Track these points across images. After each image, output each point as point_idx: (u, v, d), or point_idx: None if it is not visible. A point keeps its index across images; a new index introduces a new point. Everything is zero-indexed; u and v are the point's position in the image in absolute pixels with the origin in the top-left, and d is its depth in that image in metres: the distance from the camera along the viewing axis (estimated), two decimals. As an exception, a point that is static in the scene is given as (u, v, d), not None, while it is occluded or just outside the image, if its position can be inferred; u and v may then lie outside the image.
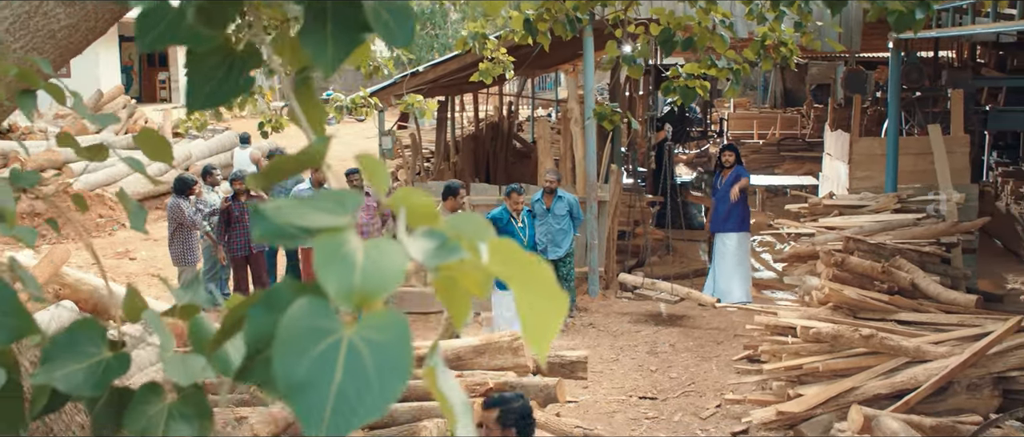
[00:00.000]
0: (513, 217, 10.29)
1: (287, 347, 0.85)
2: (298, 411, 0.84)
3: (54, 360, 1.37)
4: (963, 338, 7.93)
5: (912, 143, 12.26)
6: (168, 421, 1.42)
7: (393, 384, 0.85)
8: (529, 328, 0.95)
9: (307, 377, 0.84)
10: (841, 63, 29.12)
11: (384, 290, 0.88)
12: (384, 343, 0.86)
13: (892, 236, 9.61)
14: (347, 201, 0.95)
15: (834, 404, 7.63)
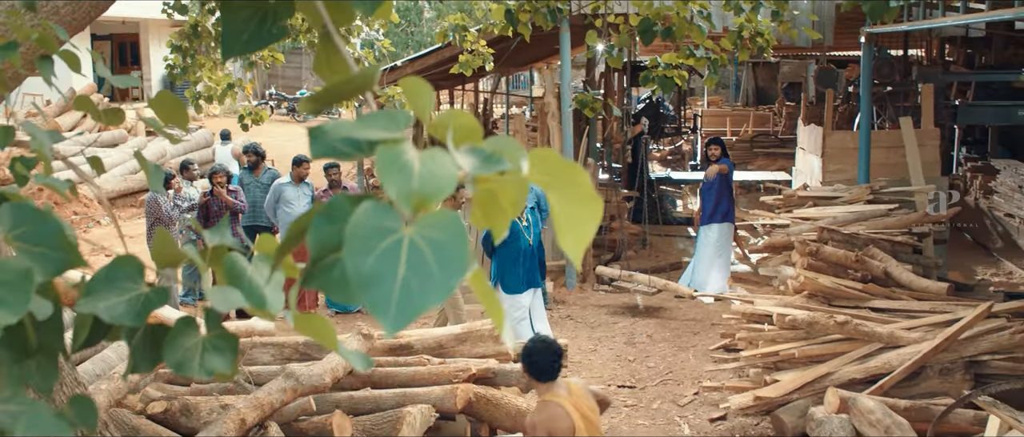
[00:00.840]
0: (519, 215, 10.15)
1: (356, 244, 0.93)
2: (368, 301, 0.93)
3: (95, 293, 1.45)
4: (935, 324, 8.09)
5: (884, 137, 12.44)
6: (202, 353, 1.51)
7: (451, 276, 0.94)
8: (564, 234, 1.04)
9: (374, 271, 0.93)
10: (812, 62, 29.46)
11: (439, 194, 0.97)
12: (442, 240, 0.95)
13: (865, 226, 9.78)
14: (399, 119, 1.04)
15: (810, 389, 7.76)
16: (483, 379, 7.20)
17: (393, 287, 0.92)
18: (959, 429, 6.41)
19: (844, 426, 5.72)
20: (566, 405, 4.84)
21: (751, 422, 8.21)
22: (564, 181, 1.03)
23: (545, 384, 5.00)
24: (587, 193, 1.03)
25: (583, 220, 1.03)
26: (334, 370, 6.62)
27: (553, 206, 1.06)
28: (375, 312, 0.93)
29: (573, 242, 1.04)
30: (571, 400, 4.89)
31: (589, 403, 4.98)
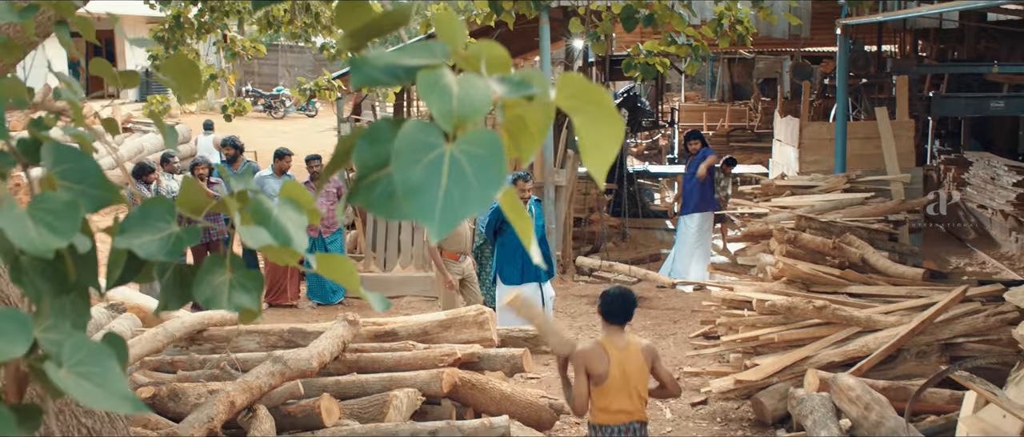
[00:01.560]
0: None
1: (403, 158, 1.02)
2: (414, 208, 1.01)
3: (130, 231, 1.52)
4: (911, 308, 8.24)
5: (859, 128, 12.60)
6: (230, 290, 1.58)
7: (489, 188, 1.02)
8: (588, 153, 1.12)
9: (420, 182, 1.01)
10: (787, 58, 29.67)
11: (477, 114, 1.05)
12: (481, 155, 1.03)
13: (842, 214, 9.92)
14: (436, 49, 1.12)
15: (790, 373, 7.89)
16: (468, 364, 7.28)
17: (437, 196, 1.00)
18: (936, 407, 6.54)
19: (825, 403, 5.84)
20: (611, 352, 5.20)
21: (732, 406, 8.33)
22: (588, 102, 1.11)
23: (610, 326, 5.35)
24: (609, 113, 1.11)
25: (606, 139, 1.11)
26: (321, 355, 6.68)
27: (578, 128, 1.14)
28: (421, 219, 1.01)
29: (597, 160, 1.12)
30: (620, 353, 5.22)
31: (637, 365, 5.23)
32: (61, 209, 1.34)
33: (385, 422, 6.34)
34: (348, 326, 7.28)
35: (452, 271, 9.74)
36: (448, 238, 9.50)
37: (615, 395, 5.20)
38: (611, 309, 5.34)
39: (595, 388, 5.21)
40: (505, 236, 9.53)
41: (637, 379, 5.23)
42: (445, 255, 9.75)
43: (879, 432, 5.29)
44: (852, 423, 5.66)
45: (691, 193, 12.19)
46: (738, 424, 8.02)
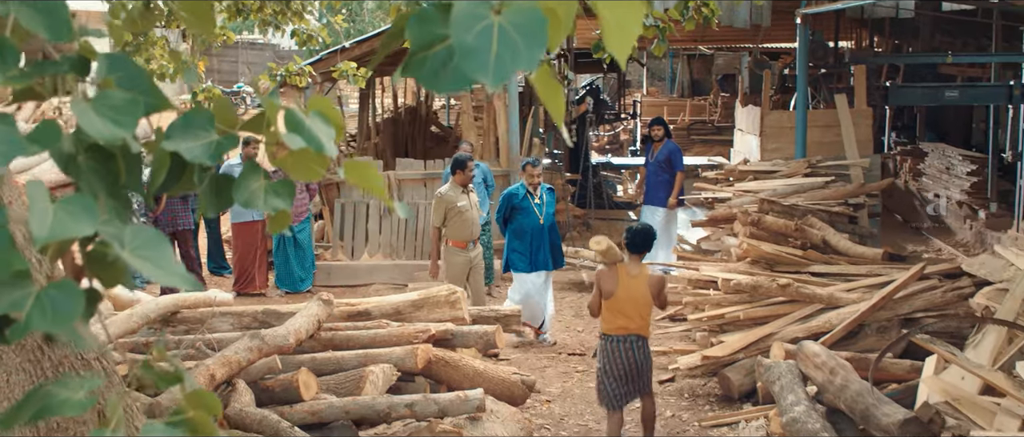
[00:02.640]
0: (530, 192, 9.58)
1: (459, 24, 1.16)
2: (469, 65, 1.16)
3: (175, 137, 1.65)
4: (871, 286, 8.47)
5: (819, 116, 12.86)
6: (266, 195, 1.71)
7: (534, 51, 1.16)
8: (610, 34, 1.26)
9: (475, 44, 1.16)
10: (746, 54, 30.06)
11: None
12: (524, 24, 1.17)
13: (804, 198, 10.15)
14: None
15: (755, 349, 8.09)
16: (442, 341, 7.39)
17: (490, 55, 1.15)
18: (897, 376, 6.75)
19: (792, 369, 6.03)
20: (622, 276, 6.55)
21: (699, 382, 8.52)
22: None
23: (631, 255, 6.72)
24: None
25: (628, 20, 1.25)
26: (297, 332, 6.77)
27: (599, 10, 1.27)
28: (478, 73, 1.16)
29: (619, 42, 1.26)
30: (630, 279, 6.56)
31: (642, 291, 6.57)
32: (123, 105, 1.46)
33: (362, 396, 6.44)
34: (323, 305, 7.37)
35: (459, 260, 9.59)
36: (457, 228, 9.51)
37: (619, 311, 6.59)
38: (633, 241, 6.69)
39: (605, 302, 6.61)
40: (514, 225, 9.49)
41: (641, 302, 6.59)
42: (452, 244, 9.59)
43: (844, 395, 5.48)
44: (818, 388, 5.85)
45: (656, 186, 12.34)
46: (705, 399, 8.21)
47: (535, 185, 9.56)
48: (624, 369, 6.69)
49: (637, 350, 6.69)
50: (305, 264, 12.05)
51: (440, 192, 9.73)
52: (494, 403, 6.96)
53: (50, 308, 1.37)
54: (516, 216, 9.50)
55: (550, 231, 9.56)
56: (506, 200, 9.57)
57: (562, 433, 7.65)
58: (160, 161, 1.66)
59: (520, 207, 9.49)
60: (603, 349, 6.79)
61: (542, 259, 9.48)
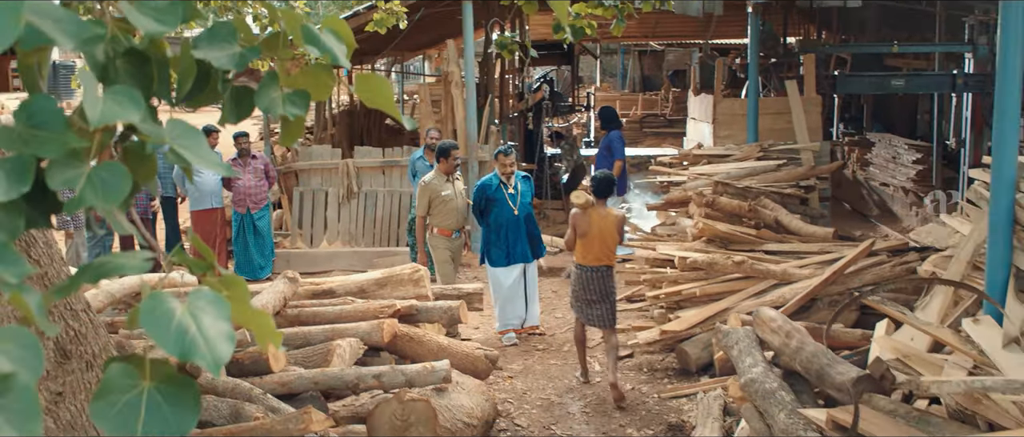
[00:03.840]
0: (503, 182, 9.22)
1: None
2: None
3: (202, 47, 1.78)
4: (822, 262, 8.72)
5: (770, 104, 13.15)
6: (284, 101, 1.85)
7: None
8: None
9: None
10: (696, 50, 30.48)
11: None
12: None
13: (756, 180, 10.40)
14: None
15: (711, 323, 8.29)
16: (407, 317, 7.52)
17: None
18: (849, 344, 6.98)
19: (749, 334, 6.22)
20: (593, 217, 7.85)
21: (657, 358, 8.72)
22: None
23: (598, 200, 7.92)
24: None
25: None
26: (264, 307, 6.86)
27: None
28: None
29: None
30: (600, 219, 7.85)
31: (609, 228, 7.87)
32: (164, 7, 1.59)
33: (330, 368, 6.55)
34: (288, 283, 7.47)
35: (444, 248, 9.51)
36: (442, 216, 9.43)
37: (590, 246, 7.87)
38: (598, 187, 7.94)
39: (579, 239, 7.88)
40: (491, 217, 9.21)
41: (609, 238, 7.89)
42: (438, 231, 9.51)
43: (800, 356, 5.68)
44: (774, 351, 6.05)
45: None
46: (664, 374, 8.41)
47: (508, 175, 9.25)
48: (595, 292, 7.94)
49: (606, 276, 7.96)
50: (265, 252, 12.10)
51: (424, 180, 9.54)
52: (459, 376, 7.10)
53: (100, 186, 1.50)
54: (491, 208, 9.21)
55: (527, 221, 9.29)
56: (480, 191, 9.28)
57: (525, 406, 7.80)
58: (187, 70, 1.79)
59: (494, 198, 9.21)
60: (578, 277, 8.01)
61: (520, 251, 9.23)
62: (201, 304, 1.46)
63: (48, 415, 3.64)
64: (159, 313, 1.42)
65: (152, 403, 1.45)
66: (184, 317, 1.43)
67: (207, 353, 1.41)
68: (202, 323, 1.43)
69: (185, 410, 1.47)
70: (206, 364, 1.40)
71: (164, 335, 1.40)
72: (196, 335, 1.41)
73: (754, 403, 5.60)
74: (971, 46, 14.23)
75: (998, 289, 5.39)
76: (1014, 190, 5.43)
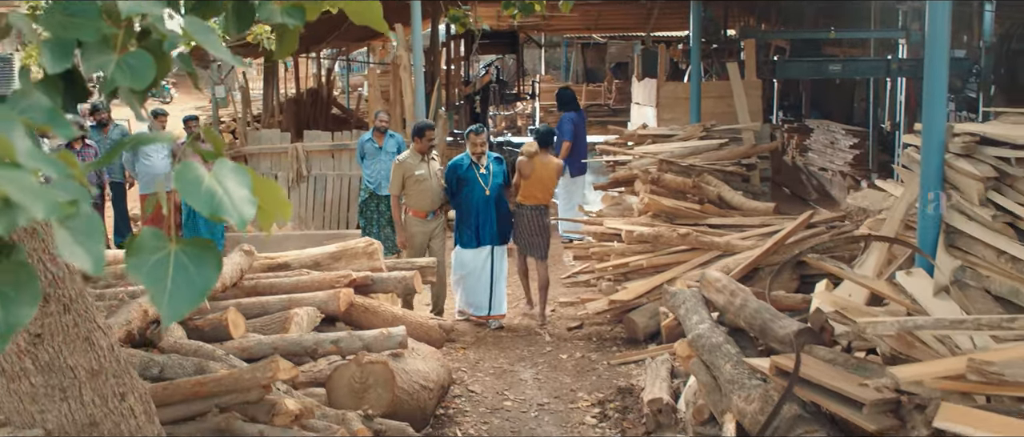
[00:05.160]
0: (475, 162, 9.11)
1: None
2: None
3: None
4: (764, 234, 9.02)
5: (712, 87, 13.47)
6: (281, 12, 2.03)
7: None
8: None
9: None
10: (638, 42, 30.88)
11: None
12: None
13: (700, 159, 10.68)
14: None
15: (658, 293, 8.54)
16: (362, 287, 7.67)
17: None
18: (791, 307, 7.25)
19: (695, 295, 6.47)
20: (537, 164, 9.19)
21: (606, 329, 8.97)
22: None
23: (541, 148, 9.31)
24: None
25: None
26: (223, 277, 6.98)
27: None
28: None
29: None
30: (541, 166, 9.22)
31: (549, 174, 9.29)
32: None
33: (289, 334, 6.69)
34: (245, 255, 7.58)
35: (419, 229, 9.27)
36: (416, 197, 9.16)
37: (532, 188, 9.20)
38: (541, 138, 9.48)
39: (523, 181, 9.16)
40: (461, 198, 9.12)
41: (548, 181, 9.28)
42: (412, 213, 9.27)
43: (743, 313, 5.94)
44: (719, 311, 6.30)
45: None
46: (612, 343, 8.66)
47: (479, 154, 9.11)
48: (535, 228, 9.29)
49: (543, 214, 9.36)
50: (216, 234, 12.13)
51: (398, 159, 9.36)
52: (415, 344, 7.26)
53: (129, 70, 1.67)
54: (462, 188, 9.11)
55: (497, 203, 9.13)
56: (451, 171, 9.18)
57: (478, 374, 8.00)
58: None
59: (465, 178, 9.09)
60: (520, 214, 9.31)
61: (489, 233, 9.09)
62: (225, 172, 1.64)
63: (27, 356, 3.76)
64: (191, 178, 1.59)
65: (178, 263, 1.62)
66: (212, 182, 1.60)
67: (233, 211, 1.58)
68: (227, 187, 1.61)
69: (207, 270, 1.64)
70: (234, 220, 1.58)
71: (196, 196, 1.57)
72: (223, 196, 1.59)
73: (701, 357, 5.84)
74: (904, 32, 14.69)
75: (929, 244, 5.69)
76: (943, 151, 5.73)
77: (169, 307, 1.58)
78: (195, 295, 1.61)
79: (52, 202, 1.22)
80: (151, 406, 4.15)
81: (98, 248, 1.36)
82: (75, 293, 3.84)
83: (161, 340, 6.20)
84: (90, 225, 1.35)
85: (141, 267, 1.58)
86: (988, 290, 5.29)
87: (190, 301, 1.60)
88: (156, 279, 1.59)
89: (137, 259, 1.58)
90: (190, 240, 1.66)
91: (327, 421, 5.29)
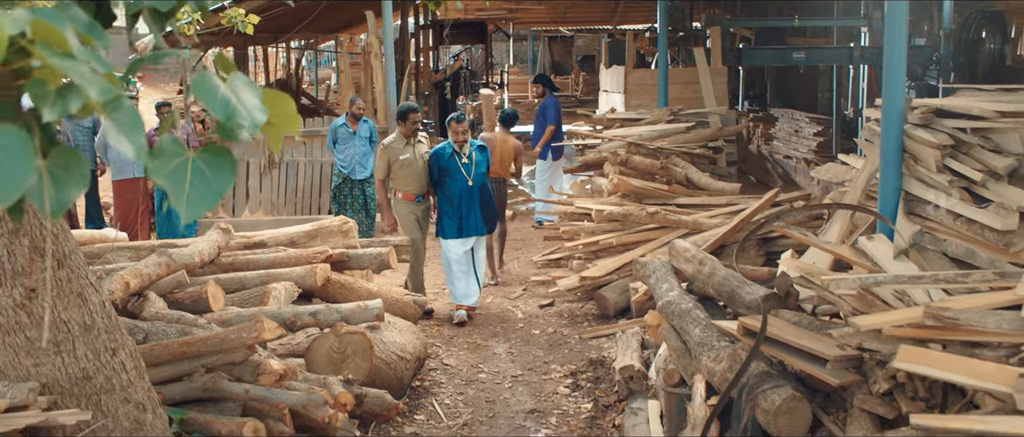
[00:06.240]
0: (457, 151, 8.90)
1: None
2: None
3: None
4: (731, 213, 9.23)
5: (679, 74, 13.70)
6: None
7: None
8: None
9: None
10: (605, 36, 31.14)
11: None
12: None
13: (668, 142, 10.87)
14: None
15: (628, 270, 8.73)
16: (339, 264, 7.80)
17: None
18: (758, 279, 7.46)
19: (665, 265, 6.64)
20: (498, 142, 10.39)
21: (577, 306, 9.15)
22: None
23: (502, 127, 10.70)
24: None
25: None
26: (201, 252, 7.09)
27: None
28: None
29: None
30: (502, 143, 10.39)
31: (507, 151, 10.40)
32: None
33: (267, 307, 6.81)
34: (222, 233, 7.69)
35: (407, 212, 9.16)
36: (403, 180, 9.06)
37: (494, 164, 9.91)
38: (504, 119, 10.84)
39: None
40: (444, 188, 8.95)
41: (507, 157, 10.39)
42: (401, 196, 9.17)
43: (712, 281, 6.12)
44: (689, 280, 6.48)
45: (538, 138, 13.07)
46: (584, 318, 8.83)
47: (461, 143, 8.90)
48: (497, 197, 9.80)
49: (502, 185, 10.41)
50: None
51: (384, 142, 9.26)
52: (391, 318, 7.42)
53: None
54: (444, 177, 8.94)
55: (481, 193, 8.95)
56: (433, 159, 9.00)
57: (453, 348, 8.15)
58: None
59: (446, 168, 8.92)
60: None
61: (472, 223, 8.89)
62: (238, 84, 1.78)
63: (22, 310, 3.88)
64: (207, 86, 1.74)
65: (196, 168, 1.77)
66: (227, 90, 1.75)
67: (246, 116, 1.73)
68: (241, 96, 1.76)
69: (222, 174, 1.79)
70: (246, 125, 1.73)
71: (212, 101, 1.72)
72: (237, 103, 1.73)
73: (671, 323, 6.01)
74: (866, 21, 14.98)
75: (890, 211, 5.90)
76: (902, 121, 5.94)
77: (187, 207, 1.72)
78: (211, 197, 1.75)
79: (105, 87, 1.36)
80: (141, 362, 4.27)
81: (140, 138, 1.51)
82: (69, 249, 3.96)
83: (143, 311, 6.31)
84: (132, 118, 1.49)
85: (162, 171, 1.72)
86: (945, 252, 5.50)
87: (206, 202, 1.74)
88: (176, 182, 1.73)
89: (158, 163, 1.72)
90: (207, 148, 1.80)
91: (309, 384, 5.43)
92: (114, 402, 4.07)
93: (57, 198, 1.45)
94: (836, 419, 4.81)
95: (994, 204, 5.23)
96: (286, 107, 1.89)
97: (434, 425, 6.51)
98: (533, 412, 6.72)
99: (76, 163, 1.49)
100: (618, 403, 6.67)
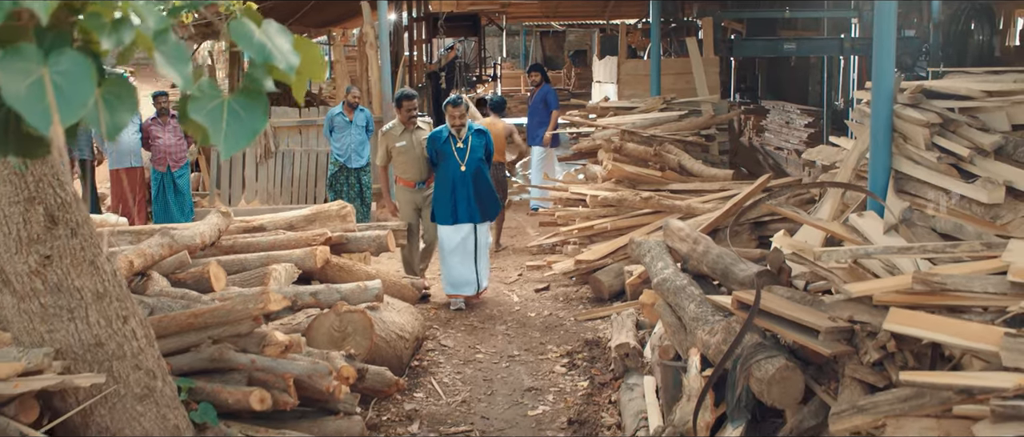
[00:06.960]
0: (453, 135, 8.75)
1: None
2: None
3: None
4: (724, 198, 9.37)
5: (672, 64, 13.83)
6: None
7: None
8: None
9: None
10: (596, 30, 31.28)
11: None
12: None
13: (661, 129, 11.00)
14: None
15: (622, 253, 8.88)
16: (338, 246, 7.91)
17: None
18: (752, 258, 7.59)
19: (659, 244, 6.76)
20: (499, 127, 10.93)
21: (572, 289, 9.27)
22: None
23: (492, 113, 11.42)
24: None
25: None
26: (202, 235, 7.20)
27: None
28: None
29: None
30: (493, 126, 10.57)
31: (500, 135, 10.73)
32: None
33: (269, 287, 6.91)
34: (222, 217, 7.79)
35: (407, 198, 9.19)
36: (402, 167, 9.08)
37: None
38: (494, 105, 11.66)
39: None
40: (438, 172, 8.87)
41: (498, 141, 10.58)
42: (401, 183, 9.19)
43: (706, 259, 6.24)
44: (683, 259, 6.61)
45: (536, 126, 13.18)
46: (579, 302, 8.95)
47: (458, 127, 8.75)
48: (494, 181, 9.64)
49: (498, 168, 10.51)
50: (185, 209, 12.30)
51: (384, 128, 9.27)
52: (390, 299, 7.54)
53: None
54: (440, 163, 8.83)
55: (476, 179, 8.75)
56: (430, 142, 8.91)
57: (450, 330, 8.27)
58: None
59: (441, 151, 8.80)
60: None
61: (465, 210, 8.70)
62: (272, 30, 1.90)
63: (37, 277, 3.98)
64: (244, 31, 1.85)
65: (232, 109, 1.88)
66: (262, 35, 1.86)
67: (281, 58, 1.84)
68: (275, 41, 1.87)
69: (256, 116, 1.91)
70: (283, 66, 1.84)
71: (249, 44, 1.83)
72: (272, 47, 1.85)
73: (666, 300, 6.14)
74: (857, 12, 15.13)
75: (880, 189, 6.03)
76: (892, 101, 6.07)
77: (225, 143, 1.84)
78: (247, 134, 1.86)
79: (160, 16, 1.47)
80: (151, 331, 4.38)
81: (186, 69, 1.62)
82: (82, 218, 4.06)
83: (147, 290, 6.42)
84: (178, 51, 1.61)
85: (201, 110, 1.83)
86: (933, 228, 5.64)
87: (243, 139, 1.85)
88: (214, 121, 1.84)
89: (197, 104, 1.84)
90: (242, 91, 1.92)
91: (313, 357, 5.54)
92: (125, 368, 4.18)
93: (111, 121, 1.56)
94: (828, 388, 4.94)
95: (981, 179, 5.37)
96: (314, 53, 2.00)
97: (434, 402, 6.63)
98: (530, 390, 6.84)
99: (128, 91, 1.60)
100: (614, 380, 6.79)
